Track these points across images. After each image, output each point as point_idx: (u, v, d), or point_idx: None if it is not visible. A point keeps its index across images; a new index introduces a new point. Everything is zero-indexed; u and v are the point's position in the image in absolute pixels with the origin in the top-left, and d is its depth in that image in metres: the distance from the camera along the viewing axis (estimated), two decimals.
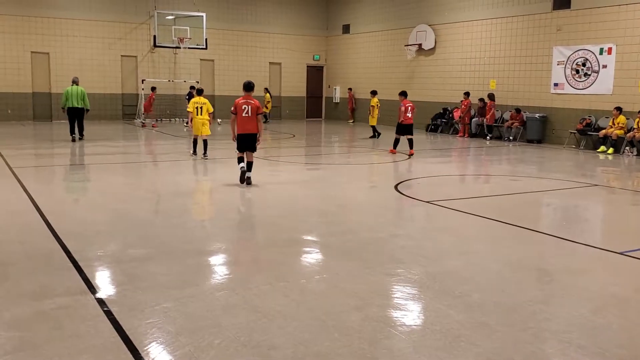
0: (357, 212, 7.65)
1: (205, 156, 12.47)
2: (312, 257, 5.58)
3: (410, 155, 13.53)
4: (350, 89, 25.39)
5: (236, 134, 9.18)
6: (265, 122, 23.76)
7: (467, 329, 3.92)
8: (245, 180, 9.19)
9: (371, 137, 18.10)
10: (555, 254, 5.92)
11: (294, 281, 4.80)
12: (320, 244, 5.98)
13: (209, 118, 12.48)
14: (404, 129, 13.86)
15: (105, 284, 4.66)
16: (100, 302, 4.24)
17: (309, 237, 6.30)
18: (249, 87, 9.14)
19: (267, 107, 24.17)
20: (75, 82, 15.76)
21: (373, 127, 18.21)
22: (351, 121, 25.22)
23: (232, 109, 9.18)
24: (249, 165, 9.21)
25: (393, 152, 14.00)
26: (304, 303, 4.31)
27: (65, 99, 15.42)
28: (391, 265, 5.29)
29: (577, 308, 4.36)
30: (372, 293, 4.61)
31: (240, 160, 9.26)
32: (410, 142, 13.73)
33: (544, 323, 4.08)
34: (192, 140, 12.96)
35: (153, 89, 21.14)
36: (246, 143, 9.14)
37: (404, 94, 14.12)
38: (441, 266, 5.29)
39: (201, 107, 12.40)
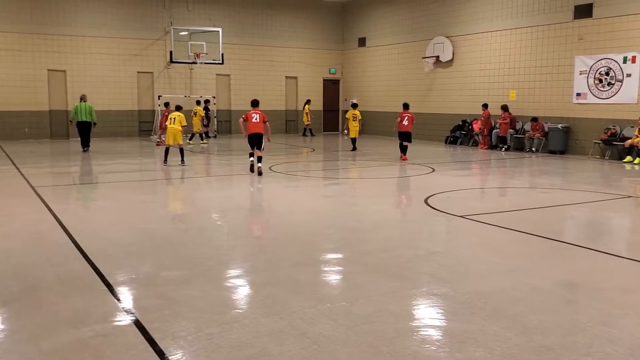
0: (390, 228, 7.44)
1: (183, 163, 13.66)
2: (351, 277, 5.37)
3: (403, 160, 14.91)
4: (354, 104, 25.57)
5: (247, 134, 12.12)
6: (310, 136, 24.28)
7: (529, 354, 3.70)
8: (255, 170, 12.05)
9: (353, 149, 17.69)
10: (603, 270, 5.68)
11: (337, 303, 4.60)
12: (358, 263, 5.77)
13: (180, 129, 13.64)
14: (402, 136, 15.41)
15: (142, 309, 4.48)
16: (141, 328, 4.06)
17: (345, 256, 6.09)
18: (256, 103, 12.66)
19: (307, 119, 24.28)
20: (83, 98, 17.57)
21: (354, 140, 17.79)
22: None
23: (244, 116, 12.19)
24: (259, 159, 12.08)
25: (404, 158, 15.12)
26: (353, 327, 4.10)
27: (74, 113, 17.34)
28: (436, 284, 5.07)
29: None
30: (422, 316, 4.40)
31: (251, 155, 12.35)
32: (405, 148, 15.21)
33: (609, 346, 3.85)
34: (164, 150, 14.09)
35: (166, 104, 20.88)
36: (255, 141, 12.12)
37: (405, 106, 15.94)
38: (488, 285, 5.06)
39: (174, 118, 13.69)
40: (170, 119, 13.76)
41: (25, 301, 4.63)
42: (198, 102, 21.80)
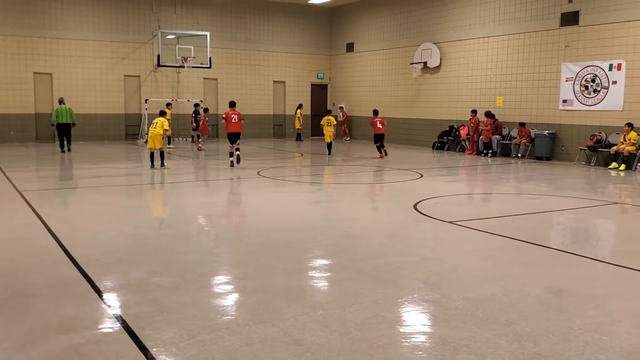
0: (382, 234, 7.44)
1: (163, 166, 14.12)
2: (344, 283, 5.36)
3: (381, 158, 17.11)
4: (341, 107, 25.66)
5: (227, 132, 14.52)
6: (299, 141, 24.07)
7: None
8: (235, 160, 14.40)
9: (329, 154, 18.26)
10: (593, 277, 5.73)
11: (331, 310, 4.59)
12: (351, 269, 5.76)
13: (161, 133, 13.91)
14: (378, 138, 17.55)
15: (134, 316, 4.43)
16: (132, 335, 4.02)
17: (337, 262, 6.08)
18: (233, 104, 15.01)
19: (299, 123, 24.19)
20: (61, 101, 18.52)
21: (329, 144, 18.32)
22: (348, 138, 25.32)
23: (224, 116, 14.55)
24: (237, 149, 14.40)
25: (382, 156, 17.35)
26: (347, 334, 4.10)
27: (55, 116, 18.07)
28: (429, 291, 5.08)
29: (632, 337, 4.16)
30: (415, 322, 4.41)
31: (231, 154, 14.53)
32: (380, 148, 17.51)
33: (600, 353, 3.87)
34: (149, 155, 14.45)
35: (206, 110, 20.88)
36: (234, 138, 14.48)
37: (375, 112, 18.46)
38: (480, 292, 5.08)
39: (156, 123, 13.99)
40: (153, 123, 14.04)
41: (14, 308, 4.57)
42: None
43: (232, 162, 14.46)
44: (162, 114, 14.66)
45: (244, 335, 4.06)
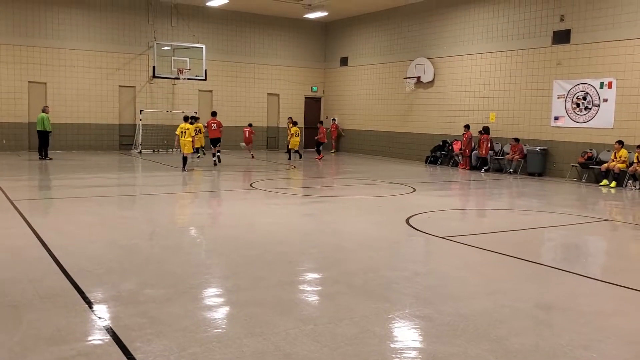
0: (374, 248, 7.46)
1: (185, 170, 15.99)
2: (335, 297, 5.37)
3: (320, 159, 21.35)
4: (334, 120, 25.85)
5: (210, 138, 18.30)
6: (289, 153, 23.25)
7: None
8: (217, 160, 17.88)
9: (289, 159, 21.22)
10: (583, 294, 5.76)
11: (322, 324, 4.60)
12: (342, 283, 5.77)
13: (190, 139, 16.06)
14: (319, 144, 22.08)
15: (125, 328, 4.42)
16: (123, 348, 4.01)
17: (329, 275, 6.09)
18: (214, 113, 19.41)
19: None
20: (43, 110, 18.91)
21: (290, 150, 21.54)
22: (333, 151, 25.64)
23: (206, 124, 18.99)
24: (218, 151, 18.12)
25: (320, 157, 21.56)
26: (338, 349, 4.10)
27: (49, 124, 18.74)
28: (420, 306, 5.10)
29: (622, 354, 4.19)
30: (406, 338, 4.42)
31: (213, 155, 17.97)
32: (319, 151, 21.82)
33: None
34: (182, 158, 16.35)
35: (250, 125, 22.01)
36: (214, 142, 18.29)
37: (321, 122, 23.47)
38: (471, 307, 5.10)
39: (185, 132, 15.98)
40: (182, 132, 15.99)
41: (4, 318, 4.55)
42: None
43: (214, 161, 17.85)
44: (186, 119, 16.91)
45: (234, 348, 4.07)
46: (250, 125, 22.07)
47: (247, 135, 21.53)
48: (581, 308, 5.22)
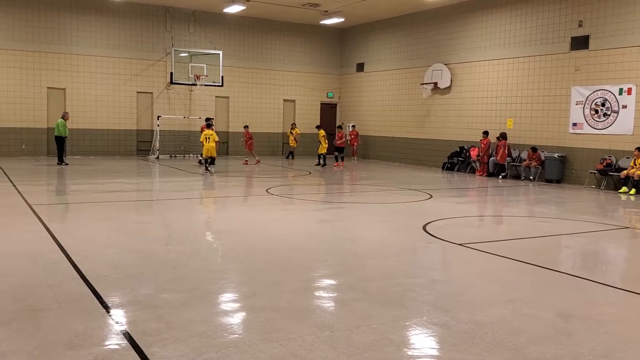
0: (390, 255, 7.42)
1: (208, 171, 17.35)
2: (352, 304, 5.34)
3: (337, 166, 20.96)
4: (353, 126, 25.52)
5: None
6: (287, 158, 24.33)
7: None
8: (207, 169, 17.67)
9: (317, 164, 21.27)
10: (604, 303, 5.68)
11: (338, 331, 4.57)
12: (358, 290, 5.75)
13: (214, 145, 17.57)
14: (338, 149, 21.61)
15: (142, 333, 4.43)
16: (141, 353, 4.02)
17: (345, 282, 6.07)
18: (208, 119, 19.15)
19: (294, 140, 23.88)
20: (63, 116, 19.12)
21: (320, 155, 21.19)
22: (354, 158, 25.18)
23: (200, 129, 18.94)
24: (213, 158, 17.96)
25: (337, 165, 21.13)
26: (354, 356, 4.08)
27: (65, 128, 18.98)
28: (437, 314, 5.06)
29: None
30: (423, 345, 4.38)
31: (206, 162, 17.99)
32: (342, 158, 21.61)
33: None
34: (204, 160, 17.95)
35: (246, 127, 22.09)
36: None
37: (340, 127, 23.25)
38: (489, 315, 5.05)
39: (208, 137, 17.57)
40: (206, 138, 17.51)
41: (23, 322, 4.59)
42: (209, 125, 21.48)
43: (207, 164, 18.17)
44: (209, 126, 18.06)
45: (250, 354, 4.06)
46: (246, 127, 21.84)
47: (245, 140, 21.45)
48: (601, 317, 5.15)
